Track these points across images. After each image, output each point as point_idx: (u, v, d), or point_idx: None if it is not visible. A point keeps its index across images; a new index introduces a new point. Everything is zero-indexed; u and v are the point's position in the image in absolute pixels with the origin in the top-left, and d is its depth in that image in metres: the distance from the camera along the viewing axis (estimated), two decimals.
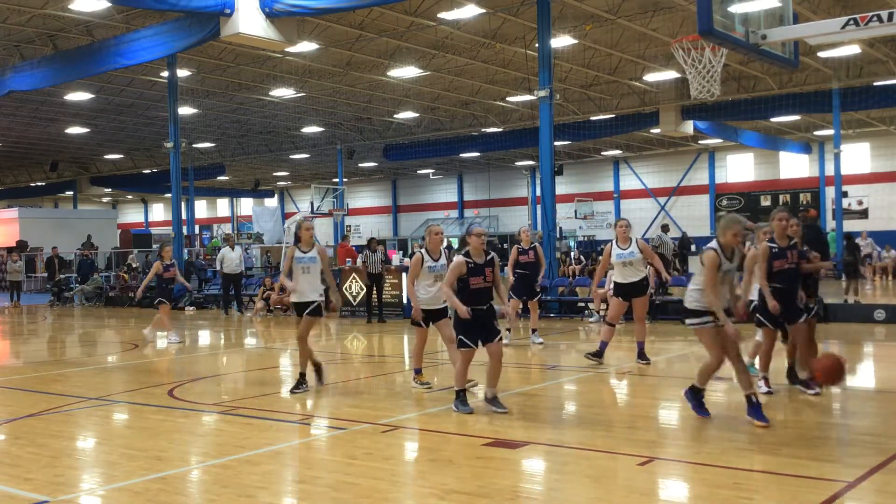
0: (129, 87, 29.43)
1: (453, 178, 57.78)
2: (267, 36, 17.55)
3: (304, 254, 9.47)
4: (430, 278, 9.09)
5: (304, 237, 9.55)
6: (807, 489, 5.48)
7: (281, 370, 12.12)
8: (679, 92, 30.92)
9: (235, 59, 26.28)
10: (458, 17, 21.67)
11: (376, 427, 7.49)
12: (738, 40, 9.43)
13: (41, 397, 9.69)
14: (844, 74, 28.66)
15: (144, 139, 40.15)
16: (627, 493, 5.44)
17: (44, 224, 42.82)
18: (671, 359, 11.90)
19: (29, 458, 6.72)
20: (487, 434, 7.07)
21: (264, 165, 51.94)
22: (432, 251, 9.23)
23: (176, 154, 25.41)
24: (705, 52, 12.09)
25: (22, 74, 23.02)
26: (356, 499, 5.44)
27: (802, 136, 42.67)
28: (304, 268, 9.42)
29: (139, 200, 69.78)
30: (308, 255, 9.46)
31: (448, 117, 37.58)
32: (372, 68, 27.59)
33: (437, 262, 9.17)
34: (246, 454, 6.60)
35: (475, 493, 5.43)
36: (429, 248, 9.22)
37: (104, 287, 28.76)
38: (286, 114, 35.26)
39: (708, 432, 7.25)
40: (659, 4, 21.59)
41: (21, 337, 18.85)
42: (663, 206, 49.59)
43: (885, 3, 18.87)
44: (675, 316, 16.72)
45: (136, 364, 12.80)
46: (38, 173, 51.13)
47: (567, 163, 47.74)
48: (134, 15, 21.29)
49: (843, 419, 7.74)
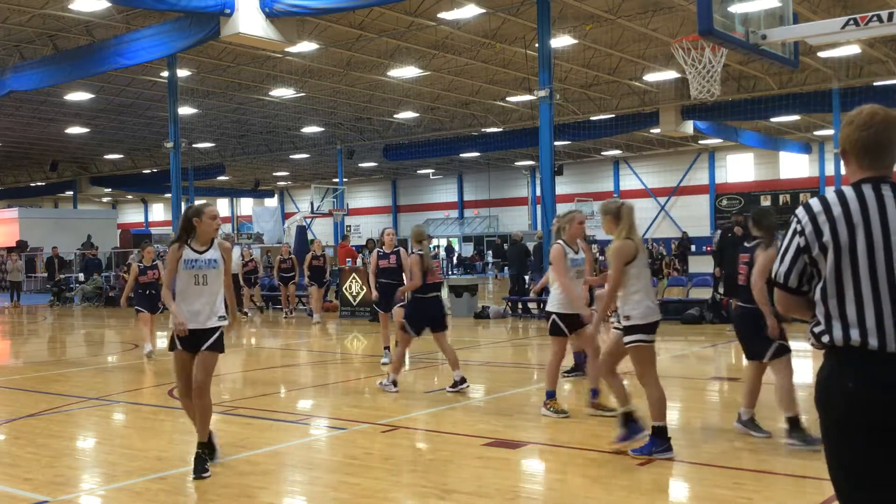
0: (129, 87, 29.44)
1: (453, 178, 57.77)
2: (267, 36, 17.55)
3: (199, 254, 6.16)
4: (572, 273, 7.77)
5: (202, 229, 6.18)
6: (807, 489, 5.48)
7: (281, 370, 12.12)
8: (679, 92, 30.92)
9: (235, 59, 26.28)
10: (458, 17, 21.68)
11: (376, 427, 7.49)
12: (738, 40, 9.45)
13: (41, 397, 9.68)
14: (844, 74, 28.67)
15: (144, 139, 40.16)
16: (627, 493, 5.44)
17: (44, 224, 42.82)
18: (671, 359, 11.89)
19: (29, 458, 6.72)
20: (487, 434, 7.07)
21: (264, 165, 51.95)
22: (571, 242, 7.84)
23: (176, 154, 25.40)
24: (705, 52, 12.09)
25: (22, 74, 23.02)
26: (356, 499, 5.44)
27: (802, 136, 42.69)
28: (197, 276, 6.13)
29: (139, 200, 69.80)
30: (205, 256, 6.17)
31: (448, 117, 37.59)
32: (372, 68, 27.59)
33: (578, 255, 7.87)
34: (246, 454, 6.60)
35: (475, 493, 5.43)
36: (567, 239, 7.81)
37: (104, 287, 28.76)
38: (286, 114, 35.27)
39: (708, 432, 7.26)
40: (659, 4, 21.59)
41: (21, 337, 18.85)
42: (663, 206, 49.60)
43: (885, 3, 18.87)
44: (674, 316, 16.74)
45: (136, 364, 12.79)
46: (38, 173, 51.15)
47: (567, 163, 47.75)
48: (134, 15, 21.29)
49: None
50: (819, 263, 2.78)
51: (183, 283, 6.13)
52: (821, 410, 2.78)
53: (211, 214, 6.17)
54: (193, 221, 6.15)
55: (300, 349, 14.81)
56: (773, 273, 2.92)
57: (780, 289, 2.91)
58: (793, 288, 2.87)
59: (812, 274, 2.83)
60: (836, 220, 2.72)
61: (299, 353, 14.32)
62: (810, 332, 2.83)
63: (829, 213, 2.75)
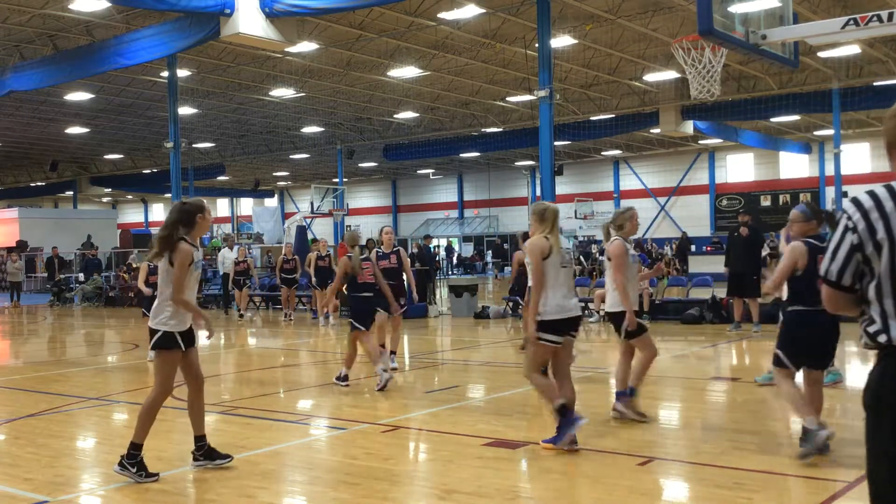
0: (129, 87, 29.43)
1: (453, 178, 57.77)
2: (267, 36, 17.55)
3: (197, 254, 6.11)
4: (632, 271, 7.71)
5: (203, 227, 6.14)
6: (807, 489, 5.49)
7: (281, 370, 12.12)
8: (679, 92, 30.92)
9: (235, 59, 26.28)
10: (458, 17, 21.67)
11: (376, 427, 7.49)
12: (738, 40, 9.45)
13: (41, 397, 9.68)
14: (844, 74, 28.67)
15: (144, 139, 40.16)
16: (627, 493, 5.44)
17: (44, 224, 42.83)
18: (671, 359, 11.89)
19: (29, 458, 6.72)
20: (487, 434, 7.07)
21: (264, 165, 51.96)
22: (629, 238, 7.78)
23: (176, 154, 25.38)
24: (705, 52, 12.10)
25: (22, 74, 23.02)
26: (356, 499, 5.44)
27: (802, 136, 42.69)
28: (196, 276, 6.10)
29: (139, 200, 69.82)
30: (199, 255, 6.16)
31: (448, 117, 37.58)
32: (372, 68, 27.59)
33: (636, 252, 7.81)
34: (246, 454, 6.60)
35: (475, 493, 5.43)
36: (626, 236, 7.72)
37: (104, 287, 28.77)
38: (286, 114, 35.26)
39: (708, 432, 7.26)
40: (659, 4, 21.59)
41: (21, 337, 18.85)
42: (663, 206, 49.61)
43: (885, 3, 18.87)
44: (674, 316, 16.75)
45: (136, 364, 12.79)
46: (38, 173, 51.15)
47: (567, 163, 47.75)
48: (134, 15, 21.29)
49: (843, 419, 7.74)
50: (873, 261, 2.72)
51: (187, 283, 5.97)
52: (872, 411, 2.70)
53: (209, 212, 6.12)
54: (197, 217, 6.00)
55: (300, 349, 14.81)
56: (824, 271, 2.86)
57: (832, 287, 2.85)
58: (846, 286, 2.81)
59: (864, 271, 2.78)
60: (889, 217, 2.67)
61: (299, 353, 14.32)
62: (864, 332, 2.76)
63: (882, 209, 2.69)
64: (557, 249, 6.46)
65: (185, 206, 6.08)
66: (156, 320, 5.95)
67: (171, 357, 5.99)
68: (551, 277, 6.40)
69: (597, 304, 17.31)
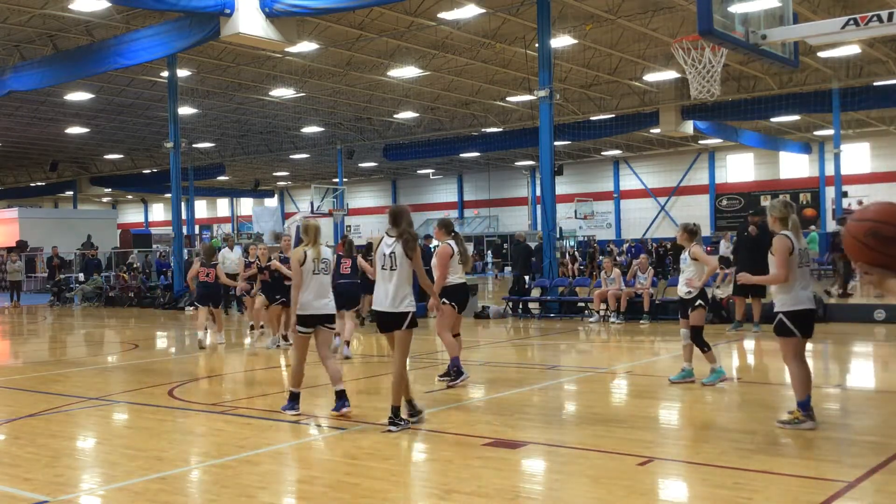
0: (129, 87, 29.45)
1: (453, 178, 57.79)
2: (267, 36, 17.55)
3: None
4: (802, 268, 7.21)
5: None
6: (807, 489, 5.48)
7: (281, 370, 12.11)
8: (679, 92, 30.94)
9: (235, 59, 26.29)
10: (458, 17, 21.68)
11: (376, 427, 7.49)
12: (738, 40, 9.44)
13: (41, 397, 9.68)
14: (844, 74, 28.68)
15: (144, 139, 40.17)
16: (627, 493, 5.44)
17: (44, 224, 42.81)
18: (671, 359, 11.88)
19: (29, 458, 6.72)
20: (487, 434, 7.07)
21: (264, 165, 51.97)
22: (798, 232, 7.25)
23: (176, 154, 25.41)
24: (705, 52, 12.09)
25: (22, 74, 23.03)
26: (356, 499, 5.44)
27: (802, 136, 42.69)
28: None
29: (139, 200, 69.82)
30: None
31: (448, 117, 37.60)
32: (372, 68, 27.59)
33: (804, 246, 7.35)
34: (246, 454, 6.60)
35: (475, 493, 5.43)
36: (794, 229, 7.17)
37: (104, 287, 28.76)
38: (286, 114, 35.28)
39: (708, 432, 7.26)
40: (659, 4, 21.60)
41: (21, 337, 18.85)
42: (663, 206, 49.61)
43: (885, 3, 18.88)
44: (674, 316, 16.73)
45: (136, 364, 12.80)
46: (38, 173, 51.17)
47: (567, 163, 47.76)
48: (134, 15, 21.30)
49: (843, 419, 7.74)
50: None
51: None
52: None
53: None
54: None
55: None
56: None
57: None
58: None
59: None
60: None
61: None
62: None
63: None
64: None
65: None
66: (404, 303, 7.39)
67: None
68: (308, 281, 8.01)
69: (597, 305, 17.31)
